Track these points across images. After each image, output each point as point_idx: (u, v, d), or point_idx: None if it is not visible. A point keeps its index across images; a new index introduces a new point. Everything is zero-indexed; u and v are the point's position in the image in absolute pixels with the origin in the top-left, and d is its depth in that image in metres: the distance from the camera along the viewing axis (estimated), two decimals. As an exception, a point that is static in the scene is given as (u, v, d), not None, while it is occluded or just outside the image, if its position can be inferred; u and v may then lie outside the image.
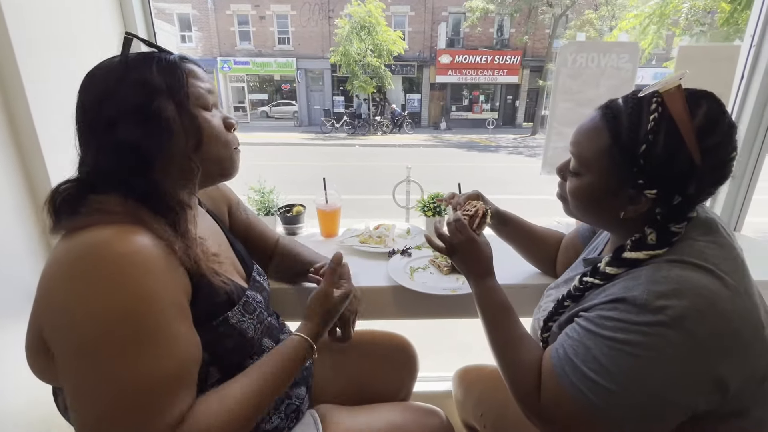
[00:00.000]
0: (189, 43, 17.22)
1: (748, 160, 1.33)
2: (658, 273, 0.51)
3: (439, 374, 1.58)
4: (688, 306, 0.47)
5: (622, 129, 0.54)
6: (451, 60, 17.36)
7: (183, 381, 0.50)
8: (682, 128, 0.49)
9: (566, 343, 0.56)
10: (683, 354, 0.47)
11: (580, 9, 15.66)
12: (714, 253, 0.52)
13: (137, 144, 0.53)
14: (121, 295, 0.46)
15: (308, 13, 16.90)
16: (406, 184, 1.70)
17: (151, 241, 0.50)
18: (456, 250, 0.77)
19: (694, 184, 0.51)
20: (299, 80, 17.60)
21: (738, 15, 4.71)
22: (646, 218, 0.56)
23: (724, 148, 0.51)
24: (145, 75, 0.55)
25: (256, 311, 0.68)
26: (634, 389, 0.49)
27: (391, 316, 0.99)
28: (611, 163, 0.55)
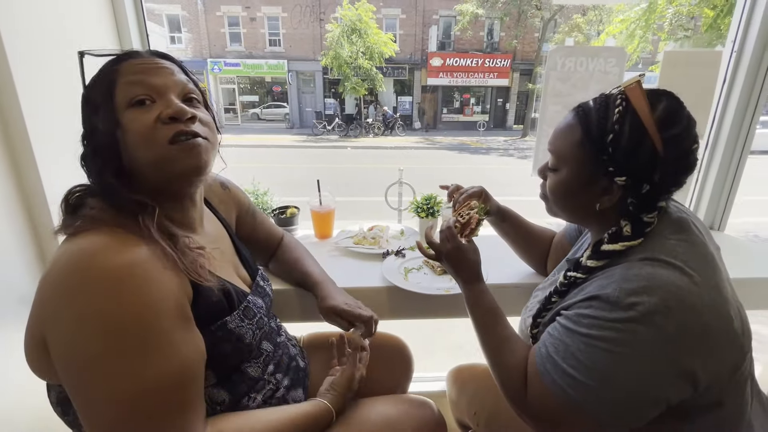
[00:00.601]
0: (178, 44, 17.06)
1: (730, 162, 1.37)
2: (630, 271, 0.54)
3: (433, 374, 1.60)
4: (657, 302, 0.50)
5: (592, 123, 0.58)
6: (442, 63, 17.48)
7: (191, 383, 0.52)
8: (643, 119, 0.54)
9: (547, 341, 0.59)
10: (654, 348, 0.50)
11: (568, 13, 15.91)
12: (683, 251, 0.55)
13: (94, 154, 0.57)
14: (120, 308, 0.46)
15: (299, 15, 16.87)
16: (399, 186, 1.71)
17: (145, 248, 0.51)
18: (444, 257, 0.80)
19: (658, 172, 0.55)
20: (290, 82, 17.55)
21: (720, 21, 4.84)
22: (620, 211, 0.60)
23: (684, 139, 0.55)
24: (87, 91, 0.58)
25: (256, 317, 0.68)
26: (609, 383, 0.51)
27: (386, 316, 0.99)
28: (584, 155, 0.60)
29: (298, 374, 0.84)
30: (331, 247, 1.22)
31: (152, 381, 0.47)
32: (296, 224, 1.33)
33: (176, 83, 0.60)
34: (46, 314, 0.48)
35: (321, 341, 1.01)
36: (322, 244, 1.27)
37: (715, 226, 1.45)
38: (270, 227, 0.98)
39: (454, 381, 1.05)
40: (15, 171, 0.84)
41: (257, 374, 0.70)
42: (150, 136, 0.55)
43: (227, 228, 0.80)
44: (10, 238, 0.84)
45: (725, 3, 4.72)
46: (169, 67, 0.61)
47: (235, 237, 0.81)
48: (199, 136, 0.59)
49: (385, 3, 16.70)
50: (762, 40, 1.23)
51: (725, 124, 1.34)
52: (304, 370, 0.87)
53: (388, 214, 1.72)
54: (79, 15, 1.02)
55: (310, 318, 1.00)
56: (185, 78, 0.63)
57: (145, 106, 0.56)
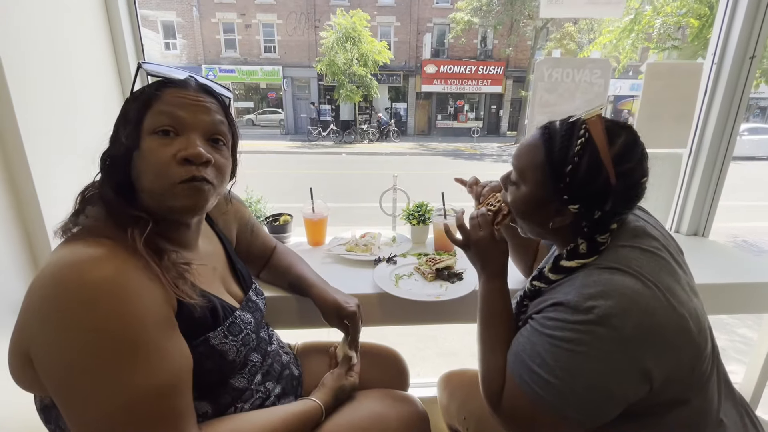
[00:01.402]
0: (173, 50, 17.08)
1: (712, 172, 1.41)
2: (588, 278, 0.59)
3: (424, 380, 1.61)
4: (612, 305, 0.54)
5: (555, 149, 0.61)
6: (436, 70, 17.65)
7: (181, 390, 0.52)
8: (602, 153, 0.58)
9: (519, 341, 0.64)
10: (611, 348, 0.54)
11: (560, 22, 16.17)
12: (636, 256, 0.59)
13: (108, 160, 0.59)
14: (104, 319, 0.46)
15: (294, 23, 16.99)
16: (393, 192, 1.73)
17: (130, 260, 0.51)
18: (472, 245, 0.78)
19: (610, 202, 0.59)
20: (285, 88, 17.61)
21: (706, 31, 4.95)
22: (576, 230, 0.64)
23: (635, 172, 0.59)
24: (128, 101, 0.60)
25: (242, 333, 0.67)
26: (571, 381, 0.55)
27: (378, 322, 1.01)
28: (543, 178, 0.63)
29: (292, 382, 0.84)
30: (323, 254, 1.23)
31: (142, 390, 0.47)
32: (289, 231, 1.34)
33: (206, 123, 0.61)
34: (30, 325, 0.48)
35: (316, 349, 1.02)
36: (314, 251, 1.28)
37: (699, 232, 1.48)
38: (264, 237, 0.99)
39: (445, 386, 1.06)
40: (8, 175, 0.84)
41: (243, 385, 0.70)
42: (162, 170, 0.57)
43: (224, 242, 0.81)
44: (1, 243, 0.84)
45: (710, 14, 4.84)
46: (207, 104, 0.62)
47: (232, 251, 0.82)
48: (205, 181, 0.60)
49: (379, 11, 16.88)
50: (741, 53, 1.28)
51: (707, 133, 1.38)
52: (297, 378, 0.87)
53: (382, 220, 1.74)
54: (73, 21, 1.02)
55: (306, 324, 1.01)
56: (219, 118, 0.64)
57: (168, 137, 0.58)
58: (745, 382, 1.25)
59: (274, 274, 0.99)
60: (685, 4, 4.88)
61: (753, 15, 1.24)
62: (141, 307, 0.49)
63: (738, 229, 4.77)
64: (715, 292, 1.06)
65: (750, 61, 1.27)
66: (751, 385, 1.23)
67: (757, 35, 1.25)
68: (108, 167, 0.59)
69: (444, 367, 1.12)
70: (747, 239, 4.46)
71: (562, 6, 1.26)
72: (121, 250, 0.52)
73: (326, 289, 0.90)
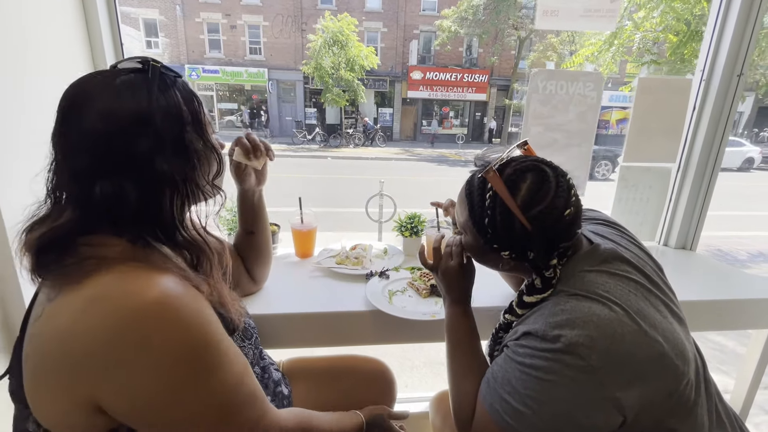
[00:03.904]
0: (155, 49, 16.68)
1: (700, 186, 1.42)
2: (556, 306, 0.58)
3: (413, 395, 1.57)
4: (578, 333, 0.53)
5: (474, 203, 0.65)
6: (422, 76, 17.79)
7: (249, 372, 0.54)
8: (507, 203, 0.60)
9: (492, 369, 0.63)
10: (578, 377, 0.52)
11: (543, 33, 16.58)
12: (604, 281, 0.59)
13: (165, 177, 0.51)
14: (189, 333, 0.46)
15: (281, 25, 16.85)
16: (379, 198, 1.70)
17: (171, 279, 0.48)
18: (441, 272, 0.81)
19: (534, 244, 0.60)
20: (270, 91, 17.41)
21: (683, 47, 5.13)
22: (528, 267, 0.64)
23: (550, 212, 0.59)
24: (174, 103, 0.53)
25: (252, 336, 0.69)
26: (540, 409, 0.54)
27: (371, 341, 0.97)
28: (473, 230, 0.66)
29: (282, 402, 0.80)
30: (312, 267, 1.18)
31: (229, 384, 0.49)
32: (276, 243, 1.28)
33: None
34: (93, 374, 0.43)
35: (303, 366, 0.98)
36: (303, 263, 1.23)
37: (687, 245, 1.50)
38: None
39: (438, 408, 1.02)
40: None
41: None
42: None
43: None
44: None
45: (687, 30, 5.02)
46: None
47: None
48: None
49: (367, 16, 16.92)
50: (729, 70, 1.30)
51: (696, 148, 1.40)
52: (288, 397, 0.84)
53: (368, 226, 1.70)
54: (46, 16, 0.95)
55: (290, 343, 0.96)
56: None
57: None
58: (734, 397, 1.26)
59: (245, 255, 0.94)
60: (664, 20, 5.05)
61: (741, 34, 1.27)
62: (208, 312, 0.50)
63: (711, 238, 4.93)
64: (704, 309, 1.06)
65: (738, 78, 1.29)
66: (739, 400, 1.24)
67: (745, 54, 1.27)
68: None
69: (431, 378, 1.09)
70: (721, 248, 4.61)
71: (557, 18, 1.25)
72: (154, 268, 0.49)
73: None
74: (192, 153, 0.54)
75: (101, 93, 0.49)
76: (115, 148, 0.48)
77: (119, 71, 0.52)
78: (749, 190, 8.39)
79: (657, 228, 1.52)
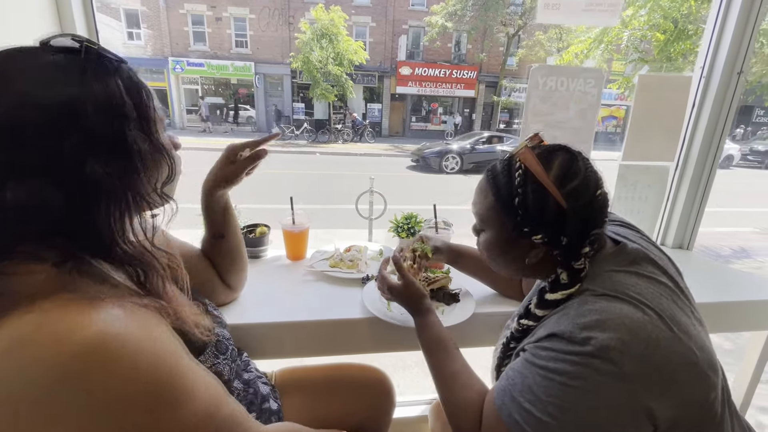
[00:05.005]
0: (137, 40, 16.20)
1: (698, 185, 1.41)
2: (584, 306, 0.54)
3: (409, 398, 1.53)
4: (611, 336, 0.49)
5: (501, 187, 0.61)
6: (411, 72, 17.71)
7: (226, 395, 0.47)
8: (541, 180, 0.57)
9: (508, 375, 0.58)
10: (609, 384, 0.48)
11: (531, 30, 16.67)
12: (634, 283, 0.55)
13: (99, 182, 0.42)
14: (129, 388, 0.36)
15: (267, 18, 16.53)
16: (370, 195, 1.65)
17: (111, 312, 0.39)
18: (396, 296, 0.82)
19: (569, 225, 0.57)
20: (257, 85, 17.10)
21: (670, 45, 5.20)
22: (554, 261, 0.60)
23: (584, 189, 0.57)
24: (113, 93, 0.44)
25: (228, 350, 0.62)
26: (565, 419, 0.49)
27: (370, 349, 0.92)
28: (499, 217, 0.62)
29: (270, 419, 0.74)
30: (304, 271, 1.13)
31: (205, 411, 0.42)
32: (266, 245, 1.22)
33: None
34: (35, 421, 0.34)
35: (297, 377, 0.92)
36: (294, 266, 1.17)
37: (684, 245, 1.49)
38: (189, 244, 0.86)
39: (438, 416, 0.98)
40: None
41: None
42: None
43: None
44: None
45: (674, 29, 5.08)
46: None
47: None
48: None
49: (356, 11, 16.74)
50: (729, 68, 1.28)
51: (694, 146, 1.39)
52: (276, 413, 0.77)
53: (358, 223, 1.66)
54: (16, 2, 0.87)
55: (282, 354, 0.91)
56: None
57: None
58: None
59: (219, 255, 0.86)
60: (651, 18, 5.09)
61: (741, 32, 1.25)
62: (152, 346, 0.40)
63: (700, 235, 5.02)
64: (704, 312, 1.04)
65: (738, 76, 1.28)
66: (737, 401, 1.23)
67: (745, 52, 1.25)
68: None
69: (425, 379, 1.05)
70: (705, 245, 4.70)
71: (559, 12, 1.21)
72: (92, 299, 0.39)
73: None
74: (135, 154, 0.45)
75: (21, 74, 0.40)
76: (34, 143, 0.39)
77: (48, 49, 0.43)
78: (729, 187, 8.61)
79: (654, 227, 1.50)
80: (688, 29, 5.01)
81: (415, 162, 10.47)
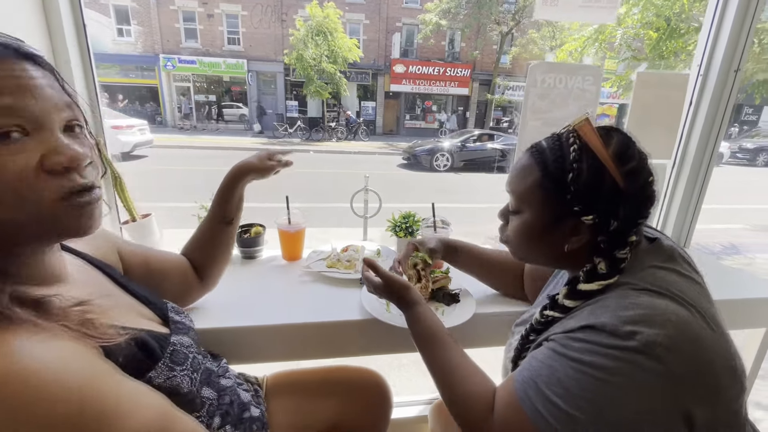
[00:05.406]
0: (128, 37, 15.95)
1: (695, 182, 1.41)
2: (625, 300, 0.51)
3: (405, 398, 1.51)
4: (658, 332, 0.46)
5: (549, 162, 0.58)
6: (405, 69, 17.68)
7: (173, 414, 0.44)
8: (599, 155, 0.54)
9: (531, 364, 0.55)
10: (652, 382, 0.46)
11: (524, 29, 16.72)
12: (675, 280, 0.53)
13: None
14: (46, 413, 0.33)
15: (260, 14, 16.38)
16: (364, 194, 1.64)
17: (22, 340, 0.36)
18: (385, 292, 0.79)
19: (623, 207, 0.54)
20: (250, 83, 16.96)
21: (663, 44, 5.23)
22: (592, 249, 0.57)
23: (641, 172, 0.55)
24: None
25: (188, 359, 0.57)
26: (597, 415, 0.47)
27: (371, 351, 0.90)
28: (546, 195, 0.58)
29: (251, 426, 0.71)
30: (301, 272, 1.10)
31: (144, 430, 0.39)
32: (261, 245, 1.19)
33: (59, 107, 0.44)
34: None
35: (291, 380, 0.90)
36: (290, 267, 1.15)
37: (681, 242, 1.49)
38: (165, 251, 0.84)
39: (439, 417, 0.97)
40: None
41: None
42: (29, 190, 0.40)
43: (103, 268, 0.62)
44: None
45: (667, 27, 5.11)
46: (45, 79, 0.44)
47: (116, 273, 0.65)
48: (95, 188, 0.46)
49: (349, 8, 16.64)
50: (726, 66, 1.28)
51: (691, 143, 1.38)
52: (259, 419, 0.74)
53: (353, 221, 1.64)
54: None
55: (277, 357, 0.89)
56: (66, 97, 0.46)
57: (13, 141, 0.39)
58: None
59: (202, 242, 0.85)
60: (644, 17, 5.12)
61: (738, 29, 1.25)
62: (76, 376, 0.37)
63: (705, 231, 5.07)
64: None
65: (735, 74, 1.27)
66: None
67: (742, 49, 1.25)
68: None
69: (420, 378, 1.03)
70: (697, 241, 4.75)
71: (557, 8, 1.20)
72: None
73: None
74: None
75: None
76: None
77: None
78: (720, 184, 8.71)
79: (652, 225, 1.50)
80: (680, 28, 5.05)
81: (406, 160, 10.45)
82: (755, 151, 12.55)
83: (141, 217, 1.17)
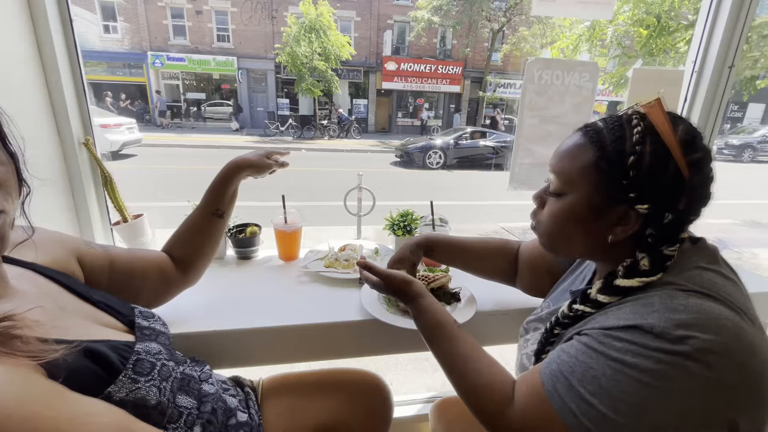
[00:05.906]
0: (114, 33, 15.65)
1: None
2: (675, 300, 0.47)
3: (404, 398, 1.50)
4: (712, 339, 0.43)
5: (607, 143, 0.53)
6: (396, 67, 17.63)
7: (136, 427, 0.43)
8: (666, 140, 0.50)
9: (561, 359, 0.52)
10: (701, 390, 0.43)
11: (515, 26, 16.77)
12: (723, 284, 0.49)
13: None
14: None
15: (250, 11, 16.18)
16: (358, 192, 1.63)
17: None
18: (387, 289, 0.78)
19: (684, 199, 0.51)
20: (240, 80, 16.76)
21: (653, 41, 5.28)
22: (634, 242, 0.54)
23: (706, 164, 0.51)
24: None
25: (155, 368, 0.53)
26: (635, 419, 0.44)
27: (372, 352, 0.89)
28: (599, 177, 0.54)
29: (240, 430, 0.69)
30: (298, 272, 1.09)
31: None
32: (257, 245, 1.17)
33: None
34: None
35: (289, 382, 0.89)
36: (287, 267, 1.13)
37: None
38: (141, 250, 0.81)
39: (440, 416, 0.96)
40: None
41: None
42: None
43: (57, 278, 0.59)
44: None
45: (657, 24, 5.16)
46: None
47: (77, 285, 0.61)
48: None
49: (341, 4, 16.54)
50: (720, 62, 1.28)
51: (686, 140, 1.39)
52: (247, 424, 0.72)
53: (347, 220, 1.63)
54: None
55: (274, 360, 0.87)
56: None
57: None
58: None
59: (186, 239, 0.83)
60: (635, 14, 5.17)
61: (732, 26, 1.25)
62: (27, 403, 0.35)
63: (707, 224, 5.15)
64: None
65: (729, 70, 1.28)
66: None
67: (736, 45, 1.26)
68: None
69: (418, 375, 1.02)
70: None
71: (554, 4, 1.19)
72: None
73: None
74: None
75: None
76: None
77: None
78: (708, 179, 8.82)
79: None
80: (670, 25, 5.10)
81: (398, 157, 10.45)
82: (741, 147, 12.78)
83: (132, 218, 1.14)
